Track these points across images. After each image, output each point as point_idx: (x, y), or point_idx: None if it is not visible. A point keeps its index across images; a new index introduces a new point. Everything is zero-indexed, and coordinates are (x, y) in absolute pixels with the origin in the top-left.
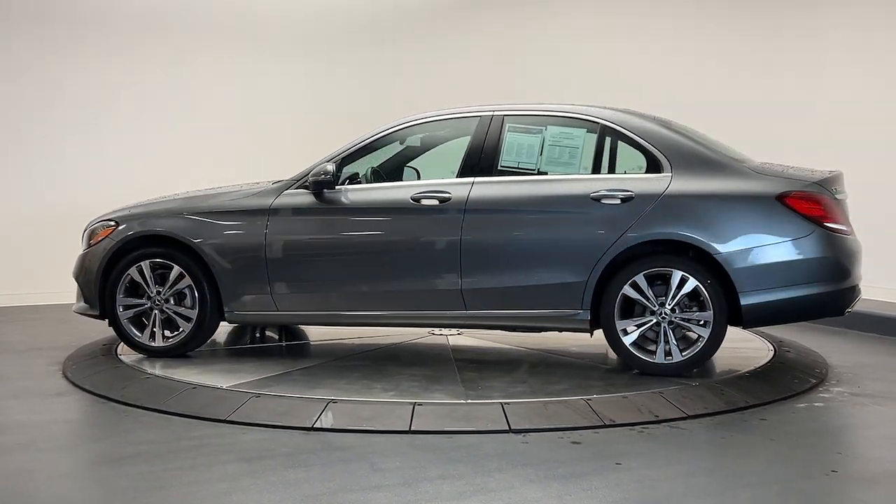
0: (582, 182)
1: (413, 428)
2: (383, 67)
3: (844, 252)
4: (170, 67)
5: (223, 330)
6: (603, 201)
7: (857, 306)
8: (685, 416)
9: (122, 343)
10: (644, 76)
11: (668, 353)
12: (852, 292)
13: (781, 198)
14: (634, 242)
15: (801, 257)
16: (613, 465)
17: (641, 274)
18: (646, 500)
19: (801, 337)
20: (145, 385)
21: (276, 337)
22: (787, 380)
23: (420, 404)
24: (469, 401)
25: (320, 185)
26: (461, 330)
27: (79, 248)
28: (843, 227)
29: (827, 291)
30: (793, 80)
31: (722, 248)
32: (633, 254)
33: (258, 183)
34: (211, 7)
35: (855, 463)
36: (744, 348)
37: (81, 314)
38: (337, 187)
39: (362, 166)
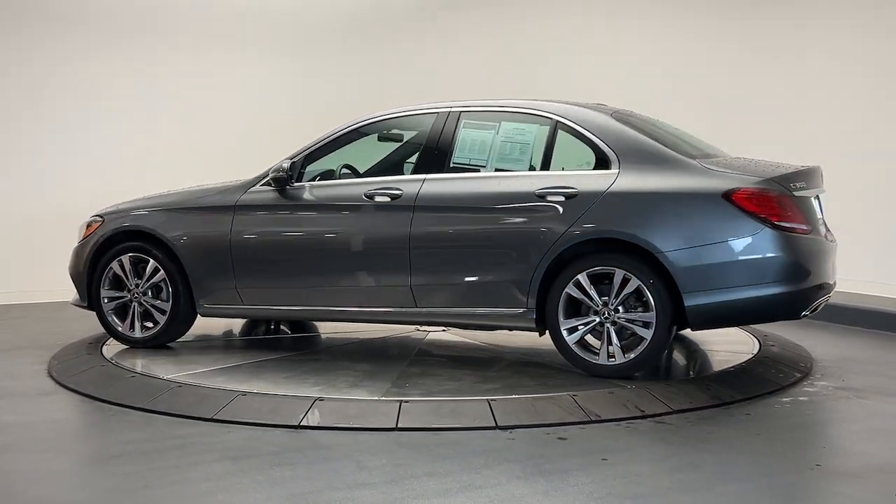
0: (528, 179)
1: (399, 425)
2: (369, 65)
3: (800, 252)
4: (151, 66)
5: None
6: (548, 198)
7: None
8: (671, 411)
9: (108, 343)
10: (638, 73)
11: (611, 355)
12: (811, 294)
13: (728, 195)
14: (577, 241)
15: (747, 257)
16: (599, 460)
17: (584, 273)
18: (632, 496)
19: (786, 331)
20: (131, 384)
21: (288, 330)
22: (771, 374)
23: (406, 401)
24: (454, 397)
25: (278, 181)
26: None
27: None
28: (800, 226)
29: (778, 293)
30: (785, 79)
31: (664, 247)
32: (577, 252)
33: (239, 180)
34: (194, 5)
35: (839, 457)
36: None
37: (75, 305)
38: (298, 184)
39: (334, 162)
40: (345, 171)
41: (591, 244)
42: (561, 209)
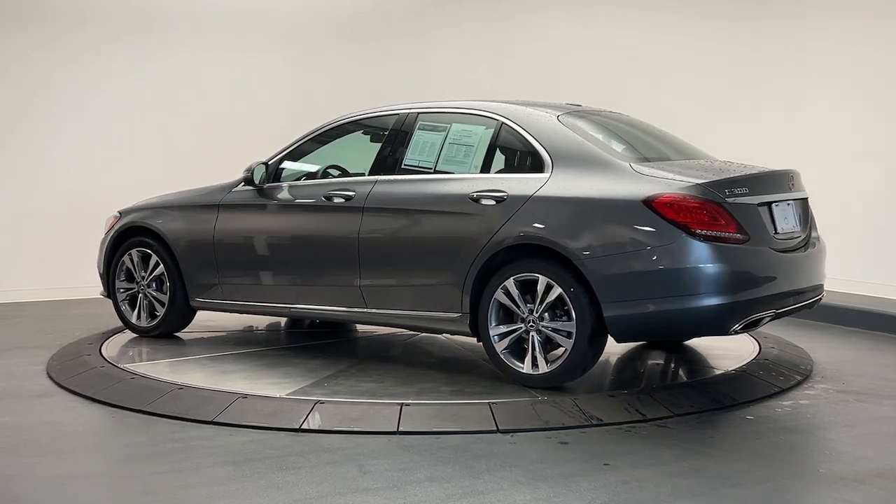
0: (465, 181)
1: (401, 429)
2: (367, 62)
3: (727, 262)
4: (148, 63)
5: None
6: (481, 202)
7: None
8: (672, 414)
9: (107, 343)
10: (637, 73)
11: (535, 364)
12: (740, 308)
13: (648, 202)
14: (504, 246)
15: (666, 267)
16: (601, 465)
17: (512, 279)
18: (634, 501)
19: (786, 332)
20: (131, 386)
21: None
22: (771, 377)
23: (408, 404)
24: (455, 401)
25: (247, 182)
26: None
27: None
28: (730, 235)
29: (699, 307)
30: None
31: (584, 254)
32: (506, 258)
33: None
34: (191, 2)
35: (841, 462)
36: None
37: (101, 295)
38: (272, 184)
39: (320, 162)
40: (332, 171)
41: (519, 249)
42: (491, 213)
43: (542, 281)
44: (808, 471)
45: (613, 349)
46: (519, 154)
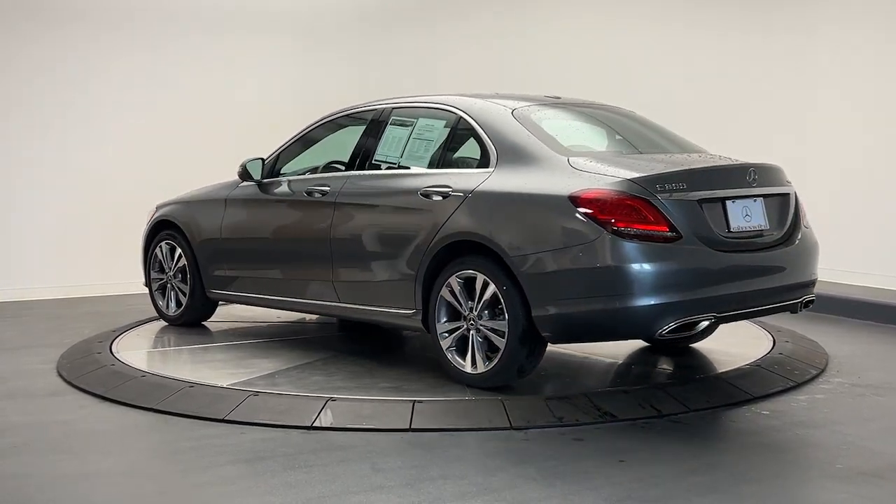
0: (420, 177)
1: (413, 426)
2: (376, 54)
3: (653, 262)
4: (152, 57)
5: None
6: (431, 197)
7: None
8: (687, 410)
9: (118, 341)
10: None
11: (474, 363)
12: (668, 310)
13: (573, 198)
14: (448, 242)
15: (588, 266)
16: (616, 461)
17: (455, 276)
18: (651, 499)
19: (799, 326)
20: (142, 384)
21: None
22: (787, 371)
23: (420, 401)
24: (468, 398)
25: (241, 177)
26: None
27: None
28: (657, 233)
29: (620, 308)
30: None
31: (515, 251)
32: (451, 254)
33: None
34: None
35: (859, 457)
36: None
37: (144, 286)
38: (268, 180)
39: (317, 156)
40: (336, 166)
41: (462, 246)
42: (438, 209)
43: (480, 279)
44: (825, 466)
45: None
46: (471, 148)
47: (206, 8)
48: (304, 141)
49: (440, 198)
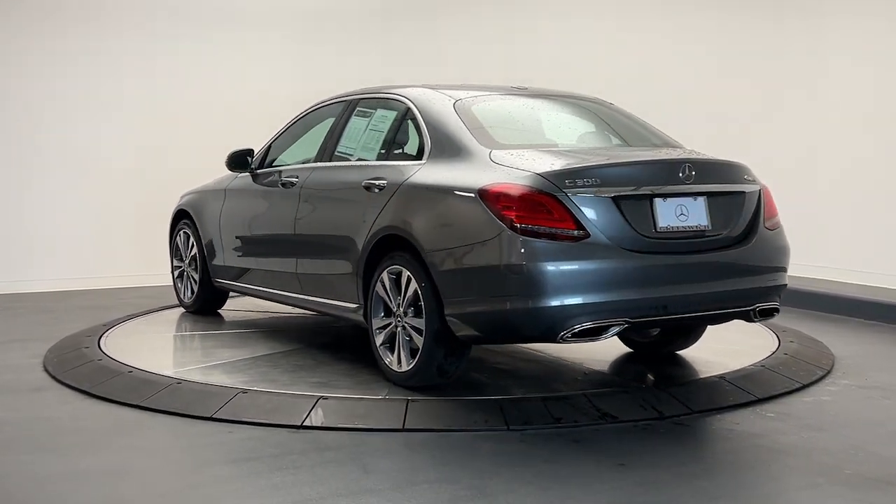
0: (364, 169)
1: (407, 426)
2: (379, 47)
3: (552, 261)
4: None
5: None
6: (371, 190)
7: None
8: (689, 411)
9: (106, 336)
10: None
11: (400, 361)
12: (570, 312)
13: (481, 193)
14: (380, 236)
15: (490, 264)
16: (616, 465)
17: (385, 271)
18: None
19: (804, 325)
20: (128, 380)
21: None
22: (792, 372)
23: (414, 401)
24: (464, 397)
25: (228, 167)
26: None
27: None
28: (561, 231)
29: (521, 309)
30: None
31: (430, 247)
32: (384, 248)
33: None
34: None
35: (868, 462)
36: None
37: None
38: (260, 171)
39: (313, 148)
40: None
41: (393, 240)
42: (374, 202)
43: (405, 275)
44: (833, 472)
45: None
46: (412, 140)
47: (213, 4)
48: (292, 131)
49: (377, 191)
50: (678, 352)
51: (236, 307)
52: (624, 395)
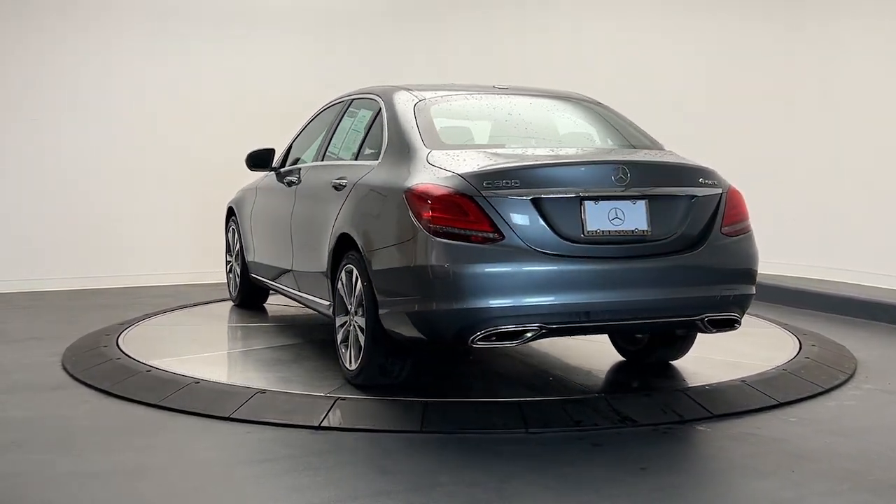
0: (336, 168)
1: (425, 428)
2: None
3: (462, 263)
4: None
5: None
6: (338, 190)
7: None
8: (711, 415)
9: (124, 334)
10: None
11: (351, 359)
12: (474, 318)
13: (406, 193)
14: (337, 235)
15: (408, 265)
16: (637, 469)
17: (343, 270)
18: None
19: (826, 328)
20: (147, 379)
21: None
22: (814, 376)
23: (432, 402)
24: (483, 399)
25: (248, 166)
26: None
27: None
28: (474, 232)
29: (432, 311)
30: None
31: (367, 246)
32: (343, 247)
33: None
34: None
35: (893, 468)
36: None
37: None
38: (282, 169)
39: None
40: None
41: (348, 239)
42: (337, 201)
43: (354, 274)
44: (858, 478)
45: None
46: (378, 141)
47: (232, 4)
48: (309, 130)
49: (339, 190)
50: (672, 362)
51: (279, 301)
52: (644, 399)
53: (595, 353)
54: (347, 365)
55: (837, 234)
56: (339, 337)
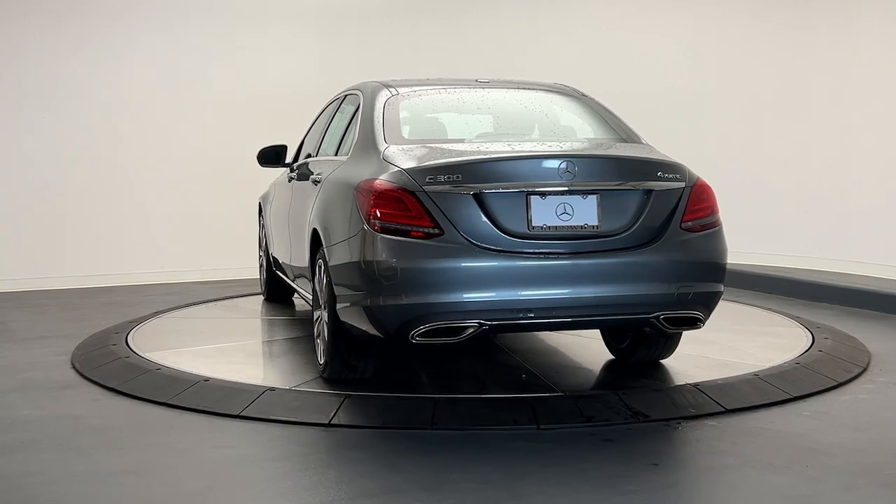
0: (319, 164)
1: (435, 425)
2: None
3: (400, 258)
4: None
5: None
6: (315, 185)
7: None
8: (723, 410)
9: (134, 332)
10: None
11: (319, 354)
12: (415, 313)
13: (356, 189)
14: (311, 230)
15: (352, 260)
16: (649, 465)
17: (317, 265)
18: None
19: (839, 321)
20: (156, 378)
21: None
22: (828, 370)
23: (443, 399)
24: (494, 395)
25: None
26: None
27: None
28: (414, 227)
29: (373, 307)
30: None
31: (326, 241)
32: (318, 242)
33: None
34: None
35: None
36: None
37: None
38: (296, 164)
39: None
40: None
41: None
42: (312, 196)
43: (322, 268)
44: (873, 473)
45: None
46: (352, 136)
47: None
48: (315, 127)
49: (316, 185)
50: (660, 360)
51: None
52: (656, 394)
53: (603, 351)
54: (319, 359)
55: (852, 227)
56: (315, 330)
